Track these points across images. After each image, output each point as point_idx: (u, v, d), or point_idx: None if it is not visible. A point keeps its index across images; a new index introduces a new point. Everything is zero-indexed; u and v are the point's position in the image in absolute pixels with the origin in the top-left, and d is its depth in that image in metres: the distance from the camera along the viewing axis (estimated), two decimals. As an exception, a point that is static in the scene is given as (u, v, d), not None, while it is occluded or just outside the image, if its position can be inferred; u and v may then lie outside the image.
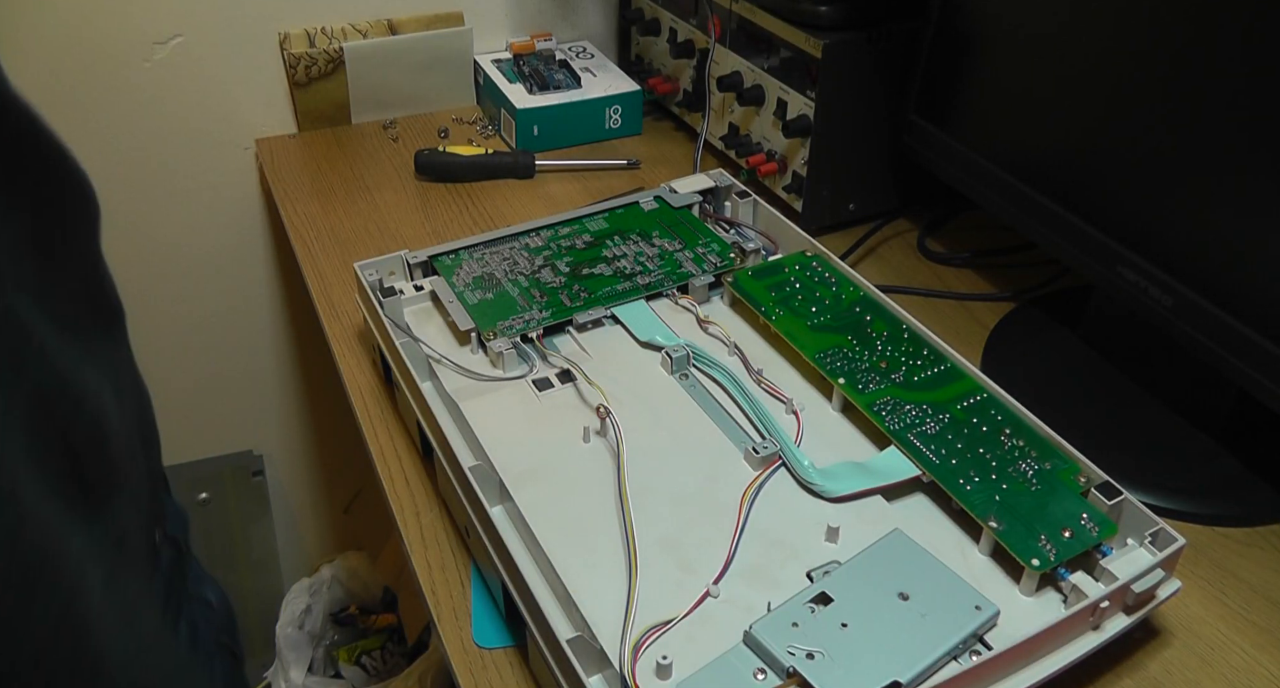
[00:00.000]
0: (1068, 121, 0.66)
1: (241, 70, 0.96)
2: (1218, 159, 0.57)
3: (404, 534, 0.60)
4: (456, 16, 1.01)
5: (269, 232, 1.05)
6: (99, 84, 0.91)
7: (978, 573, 0.53)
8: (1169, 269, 0.61)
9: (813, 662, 0.46)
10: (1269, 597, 0.57)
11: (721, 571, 0.51)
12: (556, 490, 0.56)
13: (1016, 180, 0.70)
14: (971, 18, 0.72)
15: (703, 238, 0.73)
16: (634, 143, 0.99)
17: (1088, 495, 0.54)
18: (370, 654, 1.24)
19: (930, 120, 0.78)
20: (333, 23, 0.97)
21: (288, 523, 1.27)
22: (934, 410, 0.59)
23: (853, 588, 0.50)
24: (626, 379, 0.63)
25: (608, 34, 1.09)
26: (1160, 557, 0.50)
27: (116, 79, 0.92)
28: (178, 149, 0.97)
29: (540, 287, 0.68)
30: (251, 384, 1.15)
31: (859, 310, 0.66)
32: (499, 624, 0.54)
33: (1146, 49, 0.59)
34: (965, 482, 0.55)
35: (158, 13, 0.90)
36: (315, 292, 0.79)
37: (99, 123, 0.93)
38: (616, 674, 0.46)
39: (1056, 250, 0.69)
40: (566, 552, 0.52)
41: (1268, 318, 0.56)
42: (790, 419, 0.61)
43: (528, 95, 0.96)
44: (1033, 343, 0.74)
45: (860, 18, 0.78)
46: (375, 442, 0.66)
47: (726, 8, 0.86)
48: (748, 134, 0.88)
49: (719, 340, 0.67)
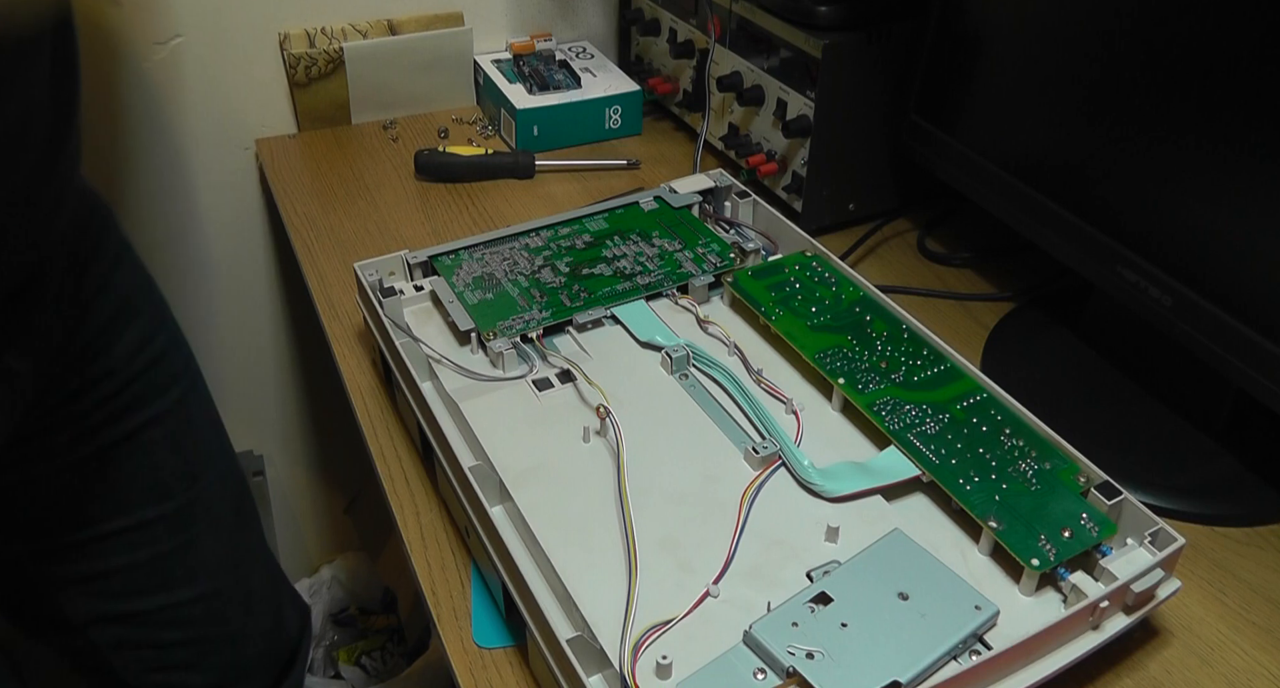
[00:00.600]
0: (1068, 121, 0.66)
1: (241, 70, 0.96)
2: (1218, 159, 0.57)
3: (404, 534, 0.60)
4: (456, 16, 1.01)
5: (269, 232, 1.05)
6: (99, 84, 0.91)
7: (977, 573, 0.53)
8: (1169, 269, 0.61)
9: (813, 662, 0.46)
10: (1269, 597, 0.57)
11: (721, 570, 0.51)
12: (556, 490, 0.56)
13: (1016, 180, 0.70)
14: (971, 18, 0.72)
15: (703, 238, 0.73)
16: (634, 143, 0.99)
17: (1087, 495, 0.54)
18: (370, 655, 1.24)
19: (930, 120, 0.78)
20: (333, 23, 0.97)
21: (288, 523, 1.27)
22: (934, 410, 0.59)
23: (853, 588, 0.50)
24: (626, 379, 0.63)
25: (608, 34, 1.09)
26: (1160, 557, 0.50)
27: (116, 79, 0.92)
28: (178, 149, 0.97)
29: (540, 287, 0.68)
30: (251, 384, 1.15)
31: (859, 310, 0.66)
32: (499, 624, 0.54)
33: (1147, 48, 0.59)
34: (965, 482, 0.55)
35: (158, 13, 0.90)
36: (315, 292, 0.79)
37: (98, 123, 0.93)
38: (616, 674, 0.46)
39: (1056, 250, 0.69)
40: (566, 552, 0.52)
41: (1267, 318, 0.56)
42: (790, 419, 0.61)
43: (528, 95, 0.96)
44: (1033, 343, 0.74)
45: (860, 18, 0.78)
46: (375, 442, 0.66)
47: (726, 8, 0.86)
48: (748, 134, 0.88)
49: (719, 340, 0.67)
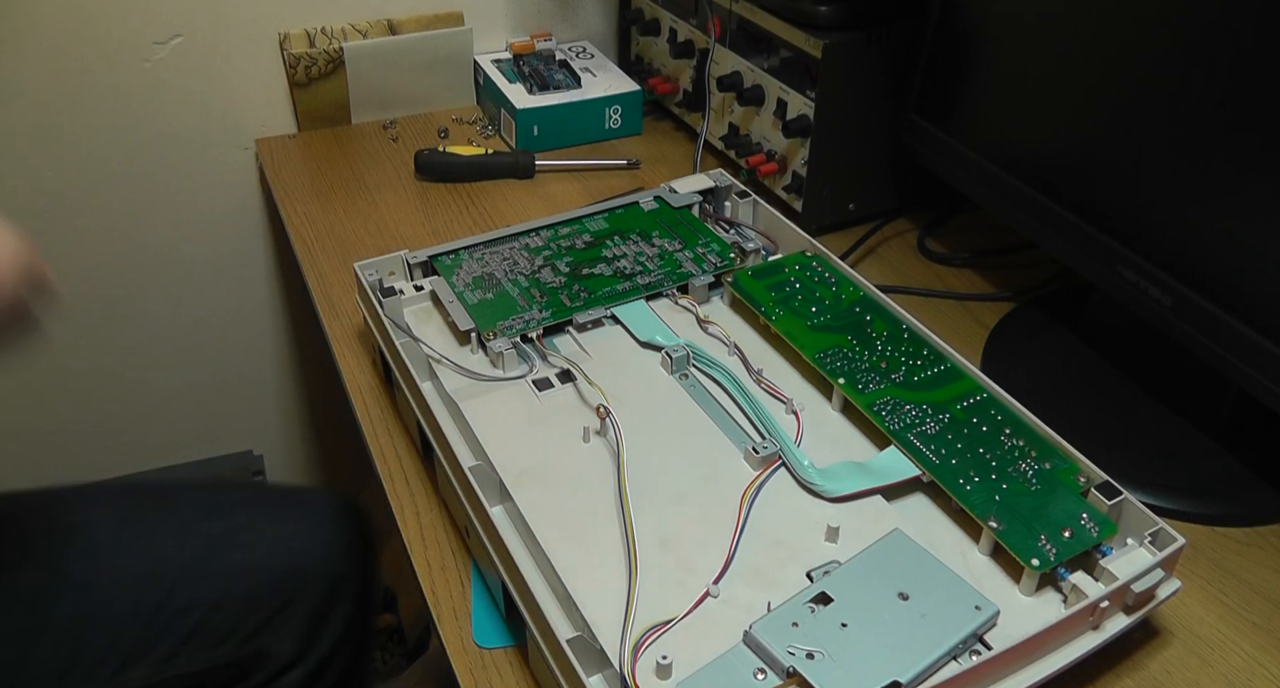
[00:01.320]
0: (1068, 121, 0.66)
1: (241, 70, 0.96)
2: (1218, 159, 0.57)
3: (404, 534, 0.60)
4: (456, 16, 1.01)
5: (269, 232, 1.05)
6: (99, 84, 0.91)
7: (978, 573, 0.53)
8: (1169, 269, 0.61)
9: (813, 662, 0.46)
10: (1269, 597, 0.57)
11: (721, 571, 0.51)
12: (556, 490, 0.56)
13: (1016, 180, 0.70)
14: (971, 18, 0.72)
15: (703, 238, 0.73)
16: (634, 143, 0.99)
17: (1088, 495, 0.54)
18: (370, 654, 1.23)
19: (930, 120, 0.78)
20: (333, 23, 0.97)
21: (288, 523, 1.27)
22: (934, 410, 0.59)
23: (853, 588, 0.50)
24: (626, 379, 0.63)
25: (608, 34, 1.09)
26: (1160, 557, 0.50)
27: (116, 79, 0.92)
28: (178, 149, 0.97)
29: (540, 287, 0.68)
30: (251, 384, 1.15)
31: (859, 310, 0.66)
32: (499, 624, 0.54)
33: (1147, 49, 0.59)
34: (965, 482, 0.55)
35: (158, 13, 0.90)
36: (315, 292, 0.79)
37: (99, 123, 0.93)
38: (616, 674, 0.46)
39: (1056, 250, 0.69)
40: (566, 552, 0.52)
41: (1268, 318, 0.56)
42: (790, 419, 0.61)
43: (528, 95, 0.96)
44: (1032, 343, 0.74)
45: (860, 18, 0.78)
46: (375, 442, 0.66)
47: (726, 8, 0.86)
48: (748, 134, 0.88)
49: (719, 340, 0.67)
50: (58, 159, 0.93)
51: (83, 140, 0.94)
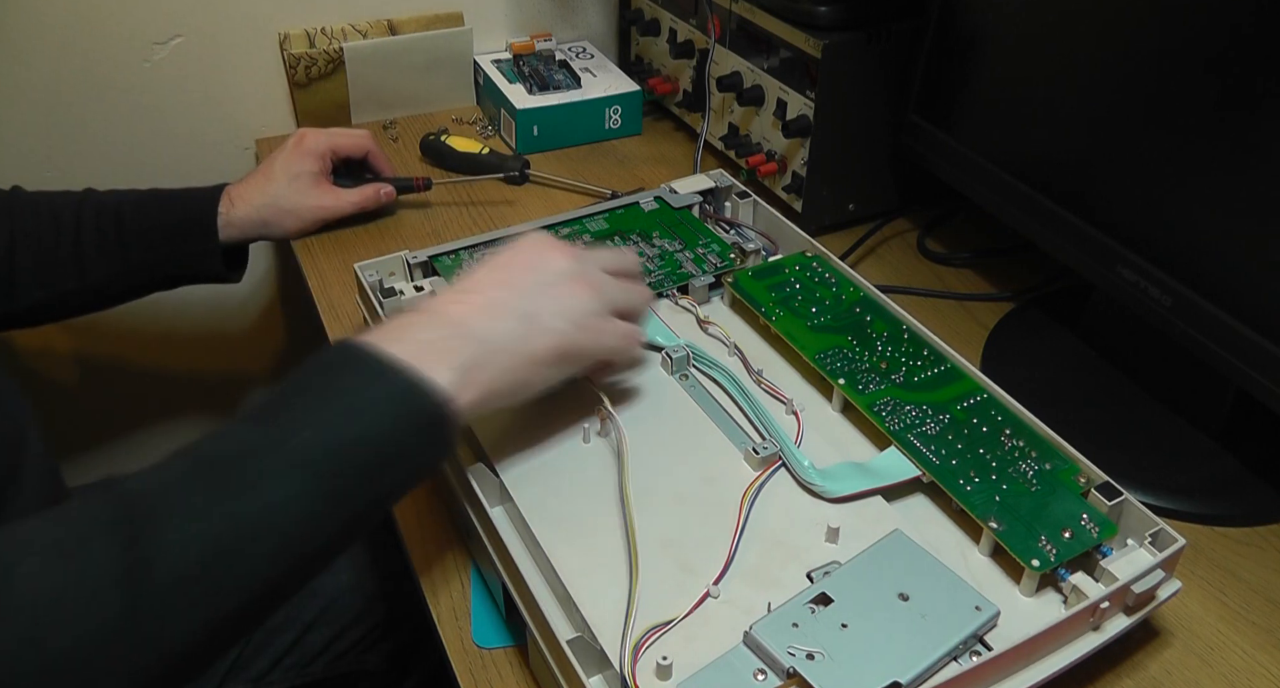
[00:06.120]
0: (1067, 121, 0.66)
1: (241, 70, 0.96)
2: (1218, 159, 0.57)
3: (404, 534, 0.59)
4: (456, 17, 1.01)
5: (269, 232, 1.05)
6: (99, 84, 0.91)
7: (978, 573, 0.53)
8: (1168, 269, 0.61)
9: (813, 662, 0.46)
10: (1269, 597, 0.57)
11: (722, 571, 0.51)
12: (556, 491, 0.56)
13: (1016, 180, 0.70)
14: (971, 18, 0.72)
15: (703, 238, 0.73)
16: (634, 143, 0.99)
17: (1088, 496, 0.54)
18: (370, 654, 1.23)
19: (930, 120, 0.78)
20: (333, 23, 0.96)
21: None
22: (934, 411, 0.59)
23: (853, 589, 0.50)
24: (626, 379, 0.63)
25: (608, 34, 1.09)
26: (1160, 557, 0.50)
27: (116, 79, 0.92)
28: (178, 149, 0.97)
29: (540, 287, 0.68)
30: (252, 384, 1.15)
31: (859, 311, 0.66)
32: (499, 624, 0.54)
33: (1146, 48, 0.59)
34: (965, 482, 0.55)
35: (158, 13, 0.90)
36: (315, 292, 0.79)
37: (99, 123, 0.93)
38: (616, 675, 0.46)
39: (1056, 250, 0.69)
40: (566, 552, 0.52)
41: (1267, 318, 0.56)
42: (790, 420, 0.61)
43: (528, 95, 0.96)
44: (1032, 343, 0.74)
45: (860, 18, 0.78)
46: (375, 442, 0.66)
47: (726, 8, 0.86)
48: (748, 134, 0.88)
49: (719, 341, 0.67)
50: (58, 159, 0.93)
51: (83, 140, 0.94)
